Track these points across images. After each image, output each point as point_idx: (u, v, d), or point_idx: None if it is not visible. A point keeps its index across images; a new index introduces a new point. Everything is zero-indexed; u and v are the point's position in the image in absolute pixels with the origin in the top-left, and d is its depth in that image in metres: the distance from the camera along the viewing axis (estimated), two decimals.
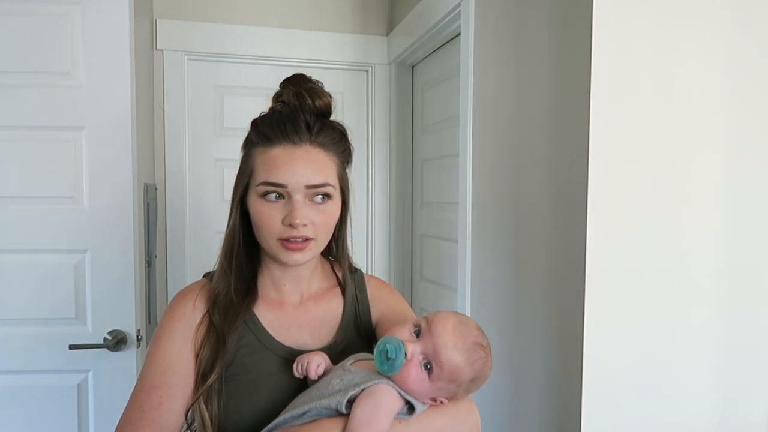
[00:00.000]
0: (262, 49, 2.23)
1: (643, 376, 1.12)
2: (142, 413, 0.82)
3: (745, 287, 1.17)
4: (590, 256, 1.08)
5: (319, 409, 0.77)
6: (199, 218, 2.25)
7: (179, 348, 0.86)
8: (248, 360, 0.87)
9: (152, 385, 0.84)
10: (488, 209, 1.49)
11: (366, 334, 0.98)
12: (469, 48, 1.57)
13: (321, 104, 0.91)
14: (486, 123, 1.51)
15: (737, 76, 1.14)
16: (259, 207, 0.85)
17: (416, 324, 0.82)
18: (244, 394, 0.86)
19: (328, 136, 0.89)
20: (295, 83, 0.93)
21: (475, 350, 0.80)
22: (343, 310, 0.96)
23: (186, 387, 0.84)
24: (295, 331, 0.92)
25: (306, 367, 0.83)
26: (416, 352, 0.78)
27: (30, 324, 1.60)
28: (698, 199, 1.13)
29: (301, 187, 0.84)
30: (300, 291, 0.95)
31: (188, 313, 0.89)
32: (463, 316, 0.84)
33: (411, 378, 0.78)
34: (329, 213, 0.88)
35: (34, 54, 1.56)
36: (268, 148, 0.86)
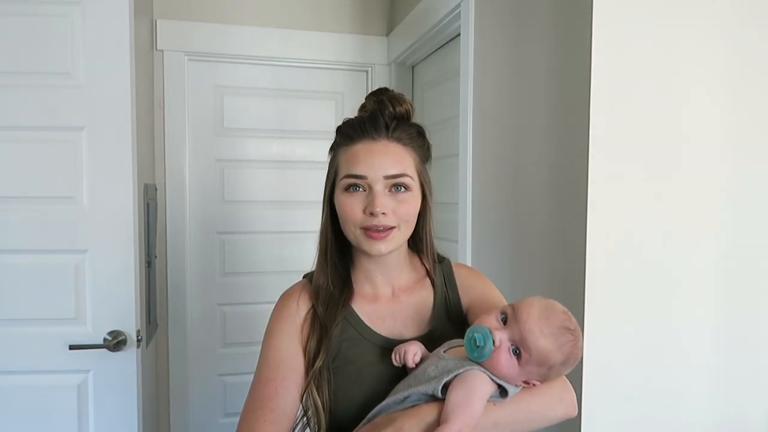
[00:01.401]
0: (262, 50, 2.23)
1: (643, 376, 1.12)
2: (261, 403, 0.91)
3: (745, 287, 1.17)
4: (590, 256, 1.08)
5: (418, 394, 0.81)
6: (199, 218, 2.25)
7: (288, 344, 0.94)
8: (351, 352, 0.94)
9: (267, 378, 0.92)
10: (488, 209, 1.49)
11: (458, 321, 1.02)
12: (469, 48, 1.57)
13: (401, 110, 0.97)
14: (486, 123, 1.51)
15: (737, 76, 1.14)
16: (343, 199, 0.92)
17: (503, 311, 0.85)
18: (349, 384, 0.92)
19: (405, 132, 0.95)
20: (376, 94, 1.01)
21: (562, 334, 0.82)
22: (434, 300, 1.01)
23: (298, 378, 0.92)
24: (390, 322, 0.98)
25: (404, 356, 0.88)
26: (504, 339, 0.81)
27: (30, 324, 1.60)
28: (698, 199, 1.13)
29: (380, 177, 0.90)
30: (391, 283, 1.00)
31: (293, 312, 0.96)
32: (548, 300, 0.85)
33: (501, 364, 0.81)
34: (409, 203, 0.93)
35: (34, 54, 1.56)
36: (350, 146, 0.93)
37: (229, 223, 2.30)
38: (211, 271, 2.28)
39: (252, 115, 2.29)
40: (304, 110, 2.34)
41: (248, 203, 2.30)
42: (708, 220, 1.14)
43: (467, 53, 1.58)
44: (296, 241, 2.32)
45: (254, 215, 2.31)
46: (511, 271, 1.37)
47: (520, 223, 1.33)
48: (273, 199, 2.34)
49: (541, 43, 1.25)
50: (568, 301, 1.13)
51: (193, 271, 2.25)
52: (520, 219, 1.33)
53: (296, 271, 1.07)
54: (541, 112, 1.25)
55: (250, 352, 1.51)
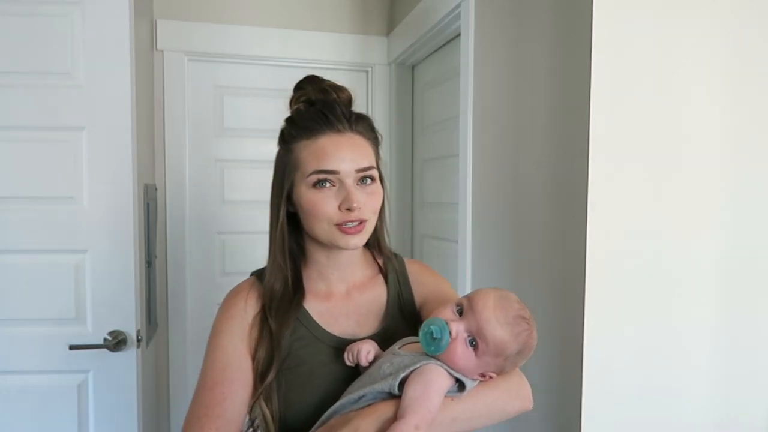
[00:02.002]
0: (262, 50, 2.23)
1: (643, 376, 1.12)
2: (208, 409, 0.86)
3: (745, 287, 1.17)
4: (590, 256, 1.08)
5: (374, 393, 0.81)
6: (199, 218, 2.25)
7: (235, 346, 0.90)
8: (303, 352, 0.91)
9: (214, 381, 0.88)
10: (488, 209, 1.49)
11: (411, 318, 1.01)
12: (469, 48, 1.57)
13: (345, 96, 0.96)
14: (486, 123, 1.51)
15: (737, 76, 1.14)
16: (313, 196, 0.88)
17: (458, 303, 0.85)
18: (301, 385, 0.89)
19: (363, 124, 0.94)
20: (313, 83, 0.98)
21: (517, 323, 0.82)
22: (387, 297, 1.00)
23: (246, 383, 0.88)
24: (343, 321, 0.96)
25: (356, 355, 0.87)
26: (460, 330, 0.81)
27: (30, 324, 1.60)
28: (698, 198, 1.13)
29: (352, 171, 0.88)
30: (346, 280, 0.99)
31: (240, 312, 0.93)
32: (503, 291, 0.86)
33: (458, 356, 0.80)
34: (376, 194, 0.92)
35: (35, 54, 1.56)
36: (313, 139, 0.89)
37: (229, 223, 2.30)
38: (211, 271, 2.28)
39: (252, 115, 2.29)
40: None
41: (248, 203, 2.30)
42: (708, 220, 1.14)
43: (467, 53, 1.58)
44: None
45: (254, 215, 2.31)
46: (511, 271, 1.37)
47: (520, 223, 1.33)
48: None
49: (541, 43, 1.25)
50: (568, 301, 1.14)
51: (193, 271, 2.25)
52: (520, 219, 1.33)
53: None
54: (541, 112, 1.25)
55: None
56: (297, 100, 0.97)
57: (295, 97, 0.98)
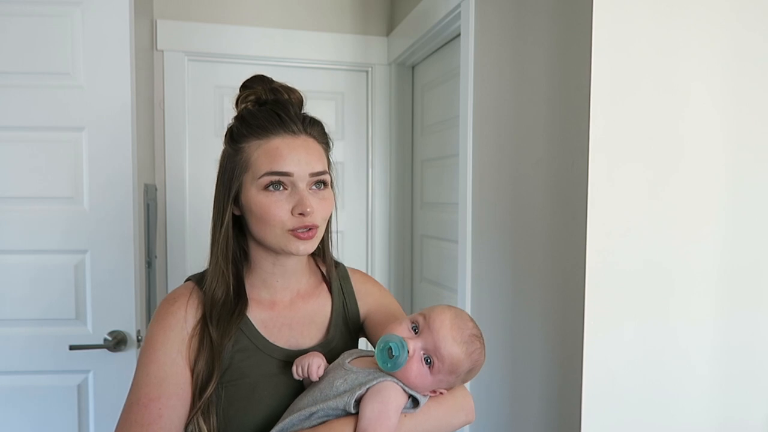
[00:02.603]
0: (262, 50, 2.23)
1: (643, 376, 1.12)
2: (142, 427, 0.79)
3: (745, 287, 1.17)
4: (590, 256, 1.08)
5: (327, 410, 0.79)
6: (199, 219, 2.25)
7: (174, 359, 0.83)
8: (245, 365, 0.86)
9: (149, 397, 0.81)
10: (488, 209, 1.49)
11: (355, 329, 0.99)
12: (469, 48, 1.57)
13: (296, 98, 0.94)
14: (486, 123, 1.51)
15: (737, 75, 1.14)
16: (264, 200, 0.84)
17: (413, 321, 0.84)
18: (243, 400, 0.85)
19: (317, 128, 0.91)
20: (261, 83, 0.95)
21: (472, 342, 0.83)
22: (332, 306, 0.97)
23: (184, 397, 0.82)
24: (287, 331, 0.92)
25: (307, 369, 0.84)
26: (417, 348, 0.81)
27: (30, 324, 1.60)
28: (698, 198, 1.13)
29: (305, 175, 0.85)
30: (290, 288, 0.94)
31: (180, 321, 0.86)
32: (456, 309, 0.86)
33: (414, 373, 0.80)
34: (328, 200, 0.89)
35: (35, 54, 1.56)
36: (265, 140, 0.85)
37: None
38: None
39: None
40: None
41: None
42: (708, 220, 1.14)
43: (467, 53, 1.58)
44: None
45: None
46: (511, 272, 1.37)
47: (520, 223, 1.33)
48: None
49: (541, 44, 1.25)
50: (568, 301, 1.14)
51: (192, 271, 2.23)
52: (520, 219, 1.33)
53: None
54: (541, 113, 1.25)
55: None
56: (245, 99, 0.93)
57: (242, 96, 0.94)
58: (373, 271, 2.37)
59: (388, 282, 2.40)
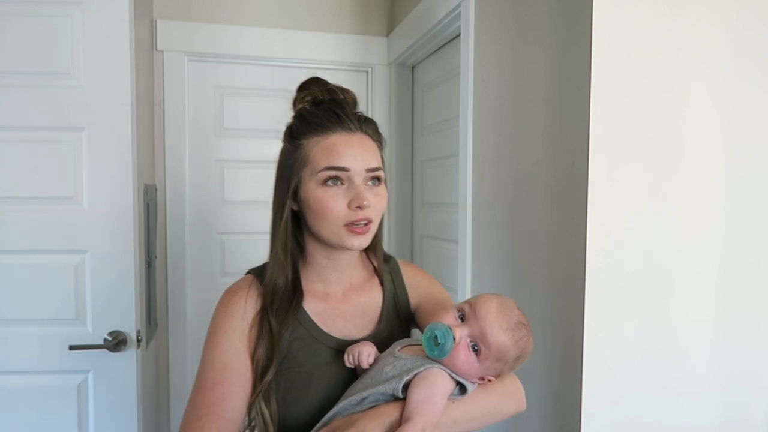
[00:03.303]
0: (262, 50, 2.23)
1: (643, 376, 1.12)
2: (208, 409, 0.85)
3: (745, 287, 1.17)
4: (590, 256, 1.08)
5: (376, 395, 0.81)
6: (200, 219, 2.25)
7: (236, 346, 0.89)
8: (301, 353, 0.91)
9: (215, 381, 0.87)
10: (488, 209, 1.49)
11: (406, 320, 1.02)
12: (469, 48, 1.57)
13: (351, 98, 0.97)
14: (486, 123, 1.51)
15: (737, 75, 1.14)
16: (322, 194, 0.87)
17: (460, 309, 0.86)
18: (300, 386, 0.89)
19: (371, 127, 0.95)
20: (317, 84, 0.98)
21: (518, 329, 0.84)
22: (383, 298, 1.01)
23: (245, 383, 0.88)
24: (340, 322, 0.96)
25: (357, 357, 0.87)
26: (464, 336, 0.83)
27: (30, 324, 1.60)
28: (698, 198, 1.13)
29: (362, 170, 0.88)
30: (343, 282, 0.99)
31: (240, 311, 0.92)
32: (503, 297, 0.87)
33: (460, 360, 0.82)
34: (383, 195, 0.93)
35: (35, 54, 1.56)
36: (323, 137, 0.89)
37: (229, 224, 2.30)
38: (211, 271, 2.28)
39: (252, 115, 2.29)
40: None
41: (248, 204, 2.30)
42: (708, 220, 1.14)
43: (467, 54, 1.58)
44: None
45: (254, 216, 2.31)
46: (511, 271, 1.37)
47: (520, 223, 1.33)
48: None
49: (541, 43, 1.25)
50: (568, 301, 1.14)
51: (193, 271, 2.25)
52: (520, 219, 1.33)
53: None
54: (541, 113, 1.25)
55: None
56: (302, 99, 0.97)
57: (299, 97, 0.97)
58: None
59: None
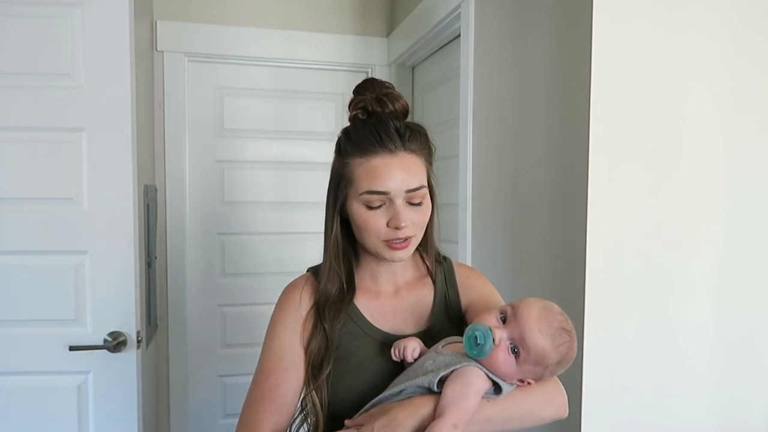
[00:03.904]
0: (262, 51, 2.23)
1: (643, 376, 1.12)
2: (263, 394, 0.93)
3: (745, 287, 1.17)
4: (590, 256, 1.07)
5: (414, 387, 0.83)
6: (199, 219, 2.25)
7: (291, 337, 0.96)
8: (351, 345, 0.96)
9: (270, 369, 0.94)
10: (488, 210, 1.49)
11: (456, 319, 1.03)
12: (470, 49, 1.57)
13: (401, 107, 0.97)
14: (486, 124, 1.51)
15: (737, 75, 1.14)
16: (364, 214, 0.92)
17: (502, 311, 0.86)
18: (349, 376, 0.94)
19: (417, 141, 0.94)
20: (371, 89, 0.99)
21: (559, 334, 0.84)
22: (434, 297, 1.03)
23: (298, 372, 0.94)
24: (390, 318, 0.99)
25: (403, 351, 0.90)
26: (503, 338, 0.83)
27: (30, 325, 1.60)
28: (698, 199, 1.13)
29: (401, 192, 0.91)
30: (395, 281, 1.02)
31: (296, 305, 0.98)
32: (547, 302, 0.87)
33: (499, 361, 0.82)
34: (425, 213, 0.95)
35: (35, 55, 1.56)
36: (366, 159, 0.92)
37: (229, 224, 2.30)
38: (211, 271, 2.28)
39: (252, 116, 2.29)
40: (304, 111, 2.34)
41: (248, 204, 2.30)
42: (708, 220, 1.14)
43: (467, 54, 1.58)
44: (296, 242, 2.31)
45: (254, 216, 2.31)
46: (511, 272, 1.37)
47: (520, 223, 1.33)
48: (273, 200, 2.33)
49: (542, 44, 1.25)
50: (568, 301, 1.13)
51: (193, 271, 2.25)
52: (520, 219, 1.33)
53: (296, 272, 1.07)
54: (541, 113, 1.25)
55: (250, 353, 1.51)
56: (355, 106, 0.99)
57: (353, 103, 1.00)
58: None
59: None
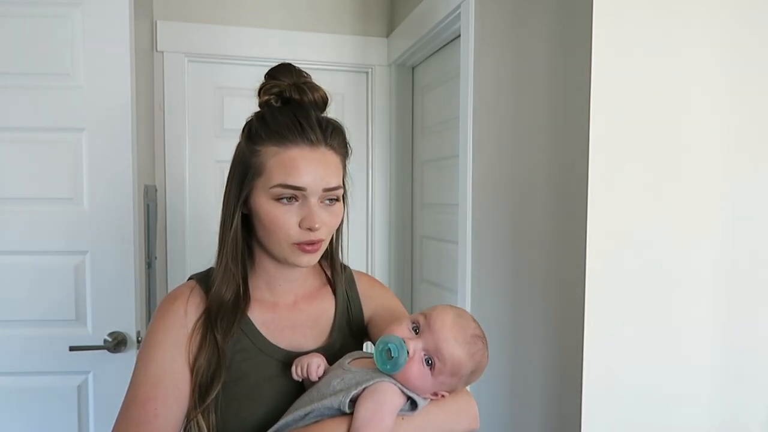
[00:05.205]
0: (262, 51, 2.23)
1: (643, 377, 1.12)
2: (138, 426, 0.78)
3: (745, 288, 1.17)
4: (590, 256, 1.07)
5: (322, 409, 0.77)
6: (199, 220, 2.25)
7: (172, 357, 0.82)
8: (245, 365, 0.86)
9: (146, 396, 0.80)
10: (488, 210, 1.49)
11: (359, 332, 0.98)
12: (469, 49, 1.57)
13: (320, 97, 0.89)
14: (486, 124, 1.51)
15: (737, 76, 1.14)
16: (273, 210, 0.83)
17: (414, 320, 0.82)
18: (242, 400, 0.84)
19: (337, 138, 0.87)
20: (288, 75, 0.89)
21: (474, 342, 0.81)
22: (336, 309, 0.96)
23: (181, 398, 0.81)
24: (289, 333, 0.90)
25: (306, 369, 0.83)
26: (418, 349, 0.79)
27: (30, 325, 1.60)
28: (698, 199, 1.13)
29: (318, 190, 0.83)
30: (294, 291, 0.94)
31: (180, 319, 0.85)
32: (458, 309, 0.85)
33: (414, 375, 0.78)
34: (338, 214, 0.88)
35: (35, 55, 1.56)
36: (283, 148, 0.83)
37: None
38: None
39: None
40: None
41: None
42: (708, 221, 1.14)
43: (467, 54, 1.58)
44: None
45: None
46: (511, 272, 1.37)
47: (520, 224, 1.33)
48: None
49: (542, 44, 1.25)
50: (568, 302, 1.14)
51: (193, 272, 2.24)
52: (520, 219, 1.33)
53: None
54: (541, 113, 1.25)
55: None
56: (268, 90, 0.89)
57: (266, 87, 0.90)
58: (373, 272, 2.37)
59: (388, 283, 2.39)
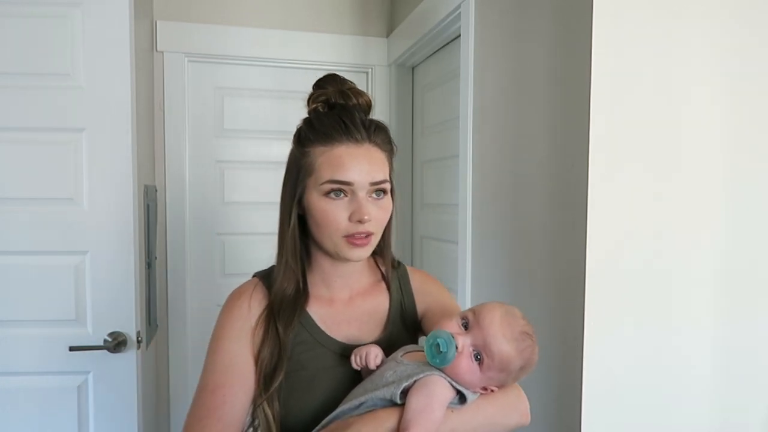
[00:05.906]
0: (262, 51, 2.23)
1: (643, 378, 1.12)
2: (208, 411, 0.86)
3: (745, 288, 1.17)
4: (590, 256, 1.07)
5: (375, 400, 0.80)
6: (199, 220, 2.25)
7: (239, 348, 0.89)
8: (304, 357, 0.91)
9: (216, 384, 0.87)
10: (488, 210, 1.49)
11: (412, 327, 1.01)
12: (470, 49, 1.57)
13: (364, 102, 0.94)
14: (486, 124, 1.51)
15: (737, 76, 1.14)
16: (324, 205, 0.87)
17: (463, 316, 0.84)
18: (302, 390, 0.89)
19: (381, 136, 0.92)
20: (333, 83, 0.95)
21: (523, 339, 0.82)
22: (390, 304, 1.00)
23: (247, 386, 0.88)
24: (345, 326, 0.95)
25: (365, 358, 0.86)
26: (466, 344, 0.81)
27: (30, 326, 1.60)
28: (698, 199, 1.13)
29: (366, 184, 0.87)
30: (349, 287, 0.98)
31: (244, 313, 0.92)
32: (508, 306, 0.86)
33: (462, 369, 0.80)
34: (386, 208, 0.92)
35: (35, 55, 1.56)
36: (329, 147, 0.88)
37: (229, 225, 2.30)
38: (211, 272, 2.28)
39: (252, 116, 2.29)
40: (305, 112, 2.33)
41: (248, 204, 2.30)
42: (708, 221, 1.14)
43: (467, 54, 1.58)
44: None
45: (254, 216, 2.31)
46: (511, 272, 1.37)
47: (520, 224, 1.33)
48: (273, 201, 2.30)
49: (541, 44, 1.25)
50: (568, 303, 1.13)
51: (193, 272, 2.25)
52: (519, 220, 1.33)
53: None
54: (541, 113, 1.25)
55: None
56: (316, 99, 0.95)
57: (314, 96, 0.96)
58: None
59: None
